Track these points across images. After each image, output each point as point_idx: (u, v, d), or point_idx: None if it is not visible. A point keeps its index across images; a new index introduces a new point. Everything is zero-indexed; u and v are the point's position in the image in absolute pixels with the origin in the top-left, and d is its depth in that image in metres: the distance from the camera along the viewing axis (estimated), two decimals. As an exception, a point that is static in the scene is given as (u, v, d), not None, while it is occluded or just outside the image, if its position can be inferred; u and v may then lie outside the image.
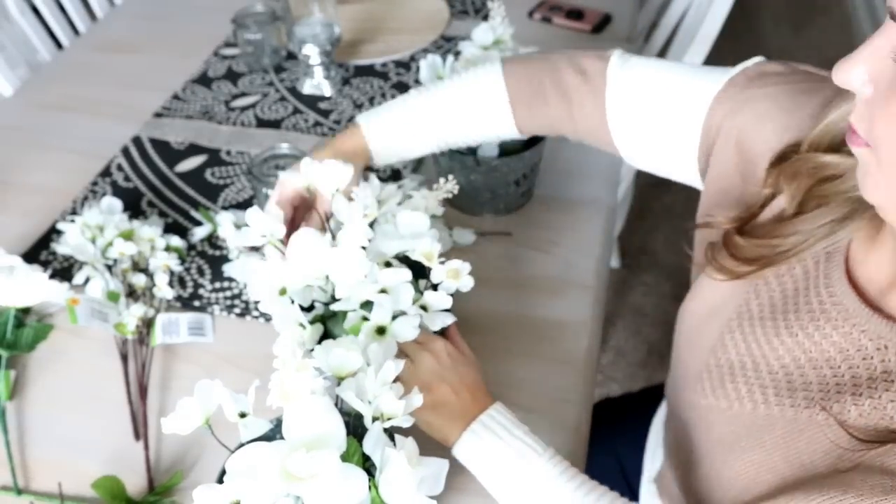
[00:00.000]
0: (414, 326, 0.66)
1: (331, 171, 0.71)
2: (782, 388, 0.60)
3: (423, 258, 0.68)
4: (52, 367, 0.85)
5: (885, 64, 0.45)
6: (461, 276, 0.68)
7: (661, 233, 2.09)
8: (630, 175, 1.52)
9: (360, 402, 0.57)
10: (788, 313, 0.60)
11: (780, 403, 0.59)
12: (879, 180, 0.48)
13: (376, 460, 0.55)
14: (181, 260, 0.94)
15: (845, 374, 0.56)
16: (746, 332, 0.64)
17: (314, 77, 1.23)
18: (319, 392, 0.53)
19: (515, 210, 1.01)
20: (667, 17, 1.48)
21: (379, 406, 0.57)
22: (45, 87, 1.29)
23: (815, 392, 0.57)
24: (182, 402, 0.58)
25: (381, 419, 0.57)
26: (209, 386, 0.58)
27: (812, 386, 0.57)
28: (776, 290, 0.62)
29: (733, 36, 1.42)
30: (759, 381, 0.62)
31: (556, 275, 0.93)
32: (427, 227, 0.71)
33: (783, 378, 0.60)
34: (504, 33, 0.94)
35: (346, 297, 0.67)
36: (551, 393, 0.80)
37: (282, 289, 0.69)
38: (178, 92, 1.25)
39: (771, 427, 0.59)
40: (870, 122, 0.47)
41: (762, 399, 0.61)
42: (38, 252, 0.98)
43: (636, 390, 1.08)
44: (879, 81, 0.45)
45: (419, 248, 0.68)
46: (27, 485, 0.75)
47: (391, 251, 0.70)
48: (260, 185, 0.94)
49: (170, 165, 1.11)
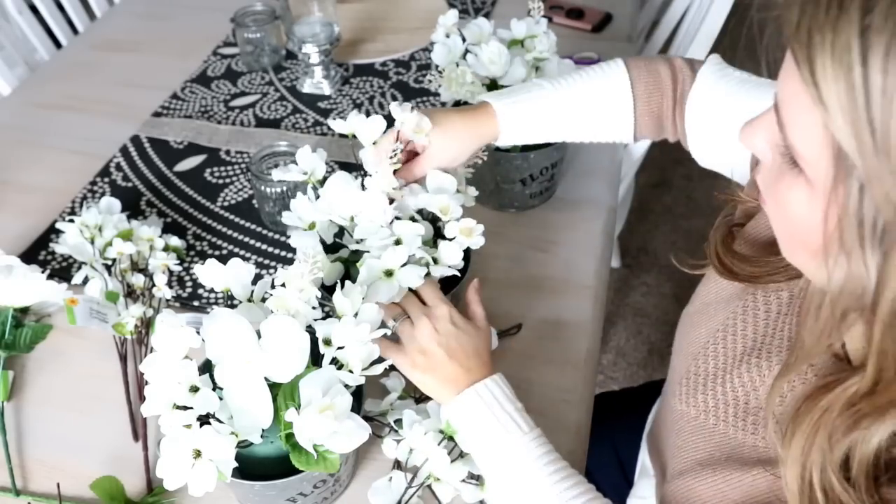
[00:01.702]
0: (419, 275, 0.68)
1: (371, 123, 0.76)
2: (740, 411, 0.60)
3: (440, 212, 0.72)
4: (51, 367, 0.85)
5: (777, 145, 0.46)
6: (474, 234, 0.72)
7: (662, 233, 2.09)
8: (630, 175, 1.51)
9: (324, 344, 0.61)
10: (766, 337, 0.61)
11: (734, 425, 0.60)
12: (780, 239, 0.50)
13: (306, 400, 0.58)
14: (180, 260, 0.94)
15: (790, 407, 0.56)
16: (728, 346, 0.64)
17: (314, 76, 1.23)
18: (301, 317, 0.59)
19: (523, 210, 1.01)
20: (667, 17, 1.48)
21: (345, 355, 0.60)
22: (43, 86, 1.28)
23: (760, 420, 0.58)
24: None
25: (338, 366, 0.60)
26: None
27: (760, 412, 0.58)
28: (760, 311, 0.62)
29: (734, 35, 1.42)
30: (723, 398, 0.62)
31: (557, 275, 0.93)
32: (453, 188, 0.75)
33: (741, 400, 0.60)
34: (538, 31, 0.94)
35: (364, 238, 0.71)
36: (551, 393, 0.80)
37: (311, 223, 0.75)
38: (178, 91, 1.25)
39: (721, 445, 0.60)
40: (763, 187, 0.49)
41: (723, 416, 0.61)
42: (37, 252, 0.97)
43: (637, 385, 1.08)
44: (771, 156, 0.47)
45: (436, 203, 0.72)
46: (25, 485, 0.75)
47: (414, 205, 0.74)
48: (259, 182, 0.94)
49: (169, 165, 1.11)
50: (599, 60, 1.27)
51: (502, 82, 0.91)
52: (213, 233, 1.00)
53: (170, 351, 0.58)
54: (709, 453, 0.62)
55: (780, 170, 0.45)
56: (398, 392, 0.76)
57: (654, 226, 2.10)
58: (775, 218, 0.49)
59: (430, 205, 0.73)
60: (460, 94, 0.91)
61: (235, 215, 1.02)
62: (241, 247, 0.98)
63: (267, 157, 0.96)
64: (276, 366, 0.57)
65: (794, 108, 0.42)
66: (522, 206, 1.01)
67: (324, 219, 0.75)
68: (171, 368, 0.58)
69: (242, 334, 0.57)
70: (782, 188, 0.45)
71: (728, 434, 0.61)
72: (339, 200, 0.72)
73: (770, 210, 0.49)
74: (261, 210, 1.00)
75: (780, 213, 0.48)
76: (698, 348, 0.67)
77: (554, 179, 1.01)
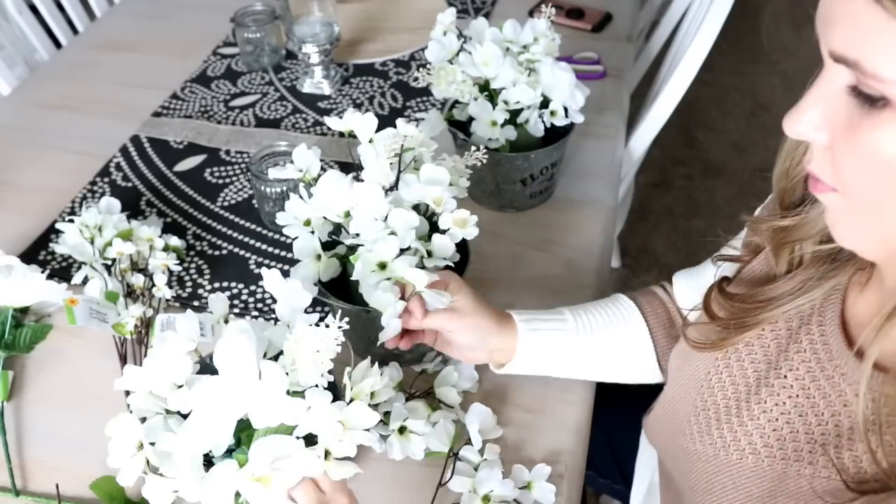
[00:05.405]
0: (411, 265, 0.68)
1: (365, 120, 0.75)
2: (769, 439, 0.57)
3: (433, 203, 0.72)
4: (51, 367, 0.85)
5: (839, 101, 0.44)
6: (468, 226, 0.72)
7: (662, 233, 2.09)
8: (630, 175, 1.51)
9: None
10: (780, 352, 0.59)
11: (770, 455, 0.57)
12: (853, 222, 0.48)
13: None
14: (180, 260, 0.94)
15: (829, 423, 0.54)
16: (735, 373, 0.62)
17: (314, 76, 1.23)
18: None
19: (522, 210, 1.01)
20: (667, 17, 1.48)
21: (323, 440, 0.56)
22: (43, 86, 1.28)
23: (802, 444, 0.55)
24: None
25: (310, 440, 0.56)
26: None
27: (799, 436, 0.55)
28: (767, 334, 0.60)
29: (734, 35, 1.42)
30: (743, 429, 0.59)
31: (557, 275, 0.93)
32: (447, 180, 0.74)
33: (768, 427, 0.57)
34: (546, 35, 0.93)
35: (359, 232, 0.71)
36: (551, 393, 0.80)
37: (307, 220, 0.75)
38: (177, 91, 1.25)
39: (759, 480, 0.57)
40: (833, 165, 0.46)
41: (750, 449, 0.58)
42: (37, 252, 0.97)
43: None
44: (835, 122, 0.45)
45: (430, 194, 0.72)
46: (25, 485, 0.75)
47: (409, 198, 0.73)
48: (259, 182, 0.94)
49: (169, 165, 1.11)
50: (599, 60, 1.27)
51: (494, 84, 0.91)
52: (212, 233, 1.00)
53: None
54: (747, 492, 0.58)
55: (851, 123, 0.43)
56: (394, 383, 0.76)
57: (654, 226, 2.10)
58: (859, 177, 0.45)
59: (424, 197, 0.73)
60: (450, 92, 0.91)
61: (235, 215, 1.02)
62: (241, 247, 0.98)
63: (267, 157, 0.96)
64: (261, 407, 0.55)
65: (866, 34, 0.40)
66: (522, 206, 1.01)
67: (318, 216, 0.75)
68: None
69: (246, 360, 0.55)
70: (863, 135, 0.43)
71: (761, 466, 0.57)
72: (332, 197, 0.72)
73: (847, 173, 0.45)
74: (261, 210, 1.00)
75: (866, 166, 0.44)
76: (701, 380, 0.64)
77: (554, 179, 1.01)
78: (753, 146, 2.32)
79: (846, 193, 0.47)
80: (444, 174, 0.74)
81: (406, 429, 0.71)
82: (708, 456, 0.62)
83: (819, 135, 0.46)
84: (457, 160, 0.79)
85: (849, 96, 0.44)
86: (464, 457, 0.72)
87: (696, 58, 1.21)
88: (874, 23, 0.39)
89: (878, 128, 0.42)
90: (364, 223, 0.71)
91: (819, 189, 0.48)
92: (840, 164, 0.45)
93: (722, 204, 2.13)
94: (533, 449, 0.76)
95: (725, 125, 2.43)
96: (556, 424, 0.78)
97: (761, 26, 2.61)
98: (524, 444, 0.76)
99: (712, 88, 2.48)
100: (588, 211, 1.01)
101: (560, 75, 0.90)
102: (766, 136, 2.34)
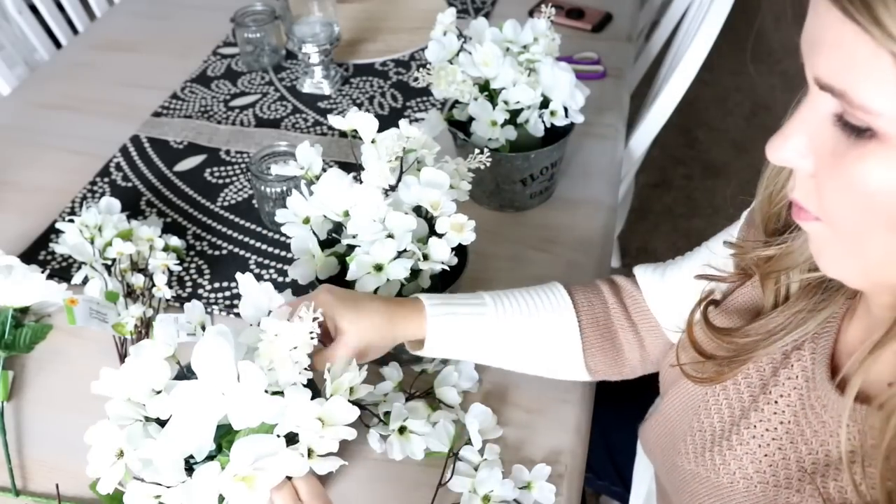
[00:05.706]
0: (406, 268, 0.69)
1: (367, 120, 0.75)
2: (761, 465, 0.57)
3: (430, 207, 0.72)
4: (51, 367, 0.85)
5: (824, 129, 0.43)
6: (465, 230, 0.72)
7: (662, 232, 2.09)
8: (630, 175, 1.51)
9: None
10: (773, 376, 0.58)
11: (762, 482, 0.56)
12: (838, 252, 0.47)
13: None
14: (180, 260, 0.94)
15: (818, 452, 0.53)
16: (731, 395, 0.61)
17: (314, 76, 1.23)
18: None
19: (522, 210, 1.01)
20: (667, 17, 1.48)
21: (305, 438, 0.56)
22: (43, 86, 1.28)
23: (793, 471, 0.55)
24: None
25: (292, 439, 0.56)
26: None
27: (790, 464, 0.55)
28: (764, 358, 0.59)
29: (734, 35, 1.42)
30: (732, 454, 0.59)
31: (557, 275, 0.92)
32: (446, 184, 0.74)
33: (759, 453, 0.57)
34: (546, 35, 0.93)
35: (357, 233, 0.71)
36: (551, 393, 0.80)
37: (306, 217, 0.75)
38: (177, 91, 1.25)
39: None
40: (818, 194, 0.45)
41: (741, 474, 0.58)
42: (37, 252, 0.97)
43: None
44: (821, 150, 0.43)
45: (427, 197, 0.72)
46: (25, 486, 0.75)
47: (408, 200, 0.73)
48: (259, 182, 0.94)
49: (169, 165, 1.11)
50: (599, 60, 1.27)
51: (494, 84, 0.91)
52: (212, 233, 1.00)
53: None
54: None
55: (836, 152, 0.42)
56: (394, 383, 0.76)
57: (654, 226, 2.10)
58: (844, 207, 0.43)
59: (422, 199, 0.73)
60: (450, 92, 0.91)
61: (235, 215, 1.02)
62: (241, 247, 0.98)
63: (267, 157, 0.96)
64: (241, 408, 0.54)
65: (853, 63, 0.39)
66: (522, 206, 1.01)
67: (317, 214, 0.75)
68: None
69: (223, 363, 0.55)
70: (849, 166, 0.41)
71: (753, 492, 0.57)
72: (333, 196, 0.72)
73: (832, 203, 0.44)
74: (261, 210, 1.00)
75: (850, 197, 0.42)
76: (698, 400, 0.64)
77: (554, 179, 1.01)
78: (753, 146, 2.32)
79: (831, 223, 0.45)
80: (444, 178, 0.74)
81: (406, 429, 0.71)
82: (701, 477, 0.61)
83: (804, 162, 0.45)
84: (460, 163, 0.78)
85: (834, 126, 0.42)
86: (464, 457, 0.72)
87: (696, 58, 1.21)
88: (861, 51, 0.38)
89: (863, 159, 0.40)
90: (362, 224, 0.71)
91: (803, 217, 0.47)
92: (824, 194, 0.44)
93: (722, 204, 2.13)
94: (533, 449, 0.76)
95: (725, 125, 2.43)
96: (556, 424, 0.78)
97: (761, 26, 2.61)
98: (524, 444, 0.76)
99: (712, 88, 2.49)
100: (588, 211, 1.01)
101: (560, 75, 0.90)
102: (765, 136, 2.29)
